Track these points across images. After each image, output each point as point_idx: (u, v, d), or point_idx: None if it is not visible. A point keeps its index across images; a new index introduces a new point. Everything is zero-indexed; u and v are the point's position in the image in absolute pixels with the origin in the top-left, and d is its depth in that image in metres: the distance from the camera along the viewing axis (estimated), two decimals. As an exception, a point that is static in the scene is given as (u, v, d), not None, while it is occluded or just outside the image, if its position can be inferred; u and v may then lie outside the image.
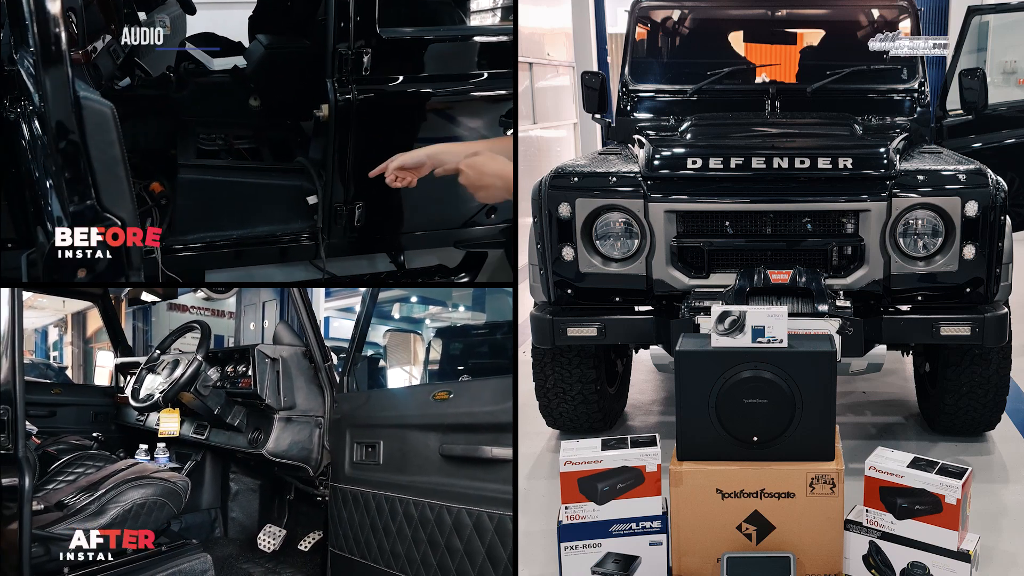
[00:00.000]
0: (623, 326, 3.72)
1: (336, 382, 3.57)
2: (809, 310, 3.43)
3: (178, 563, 3.04)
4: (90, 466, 3.47)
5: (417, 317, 5.15)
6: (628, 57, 4.91)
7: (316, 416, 3.52)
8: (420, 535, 2.79)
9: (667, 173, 3.67)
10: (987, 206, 3.51)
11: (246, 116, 3.60)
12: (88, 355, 7.97)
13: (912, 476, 2.78)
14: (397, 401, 3.33)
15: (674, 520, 2.86)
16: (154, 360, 3.93)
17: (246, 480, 4.45)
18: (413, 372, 4.45)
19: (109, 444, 4.62)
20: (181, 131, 3.58)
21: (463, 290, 4.55)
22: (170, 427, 3.92)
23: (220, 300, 6.51)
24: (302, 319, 3.62)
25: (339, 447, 3.34)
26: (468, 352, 4.54)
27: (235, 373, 3.67)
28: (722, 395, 2.84)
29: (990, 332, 3.54)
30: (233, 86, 3.64)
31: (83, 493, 3.04)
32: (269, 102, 3.57)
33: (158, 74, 3.76)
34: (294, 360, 3.56)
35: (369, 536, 3.06)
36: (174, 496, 3.22)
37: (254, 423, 3.61)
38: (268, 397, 3.47)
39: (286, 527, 4.24)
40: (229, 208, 3.34)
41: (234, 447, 3.76)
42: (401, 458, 2.96)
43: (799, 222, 3.61)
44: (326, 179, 3.24)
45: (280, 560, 4.08)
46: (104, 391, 5.30)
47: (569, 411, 4.17)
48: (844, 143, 3.84)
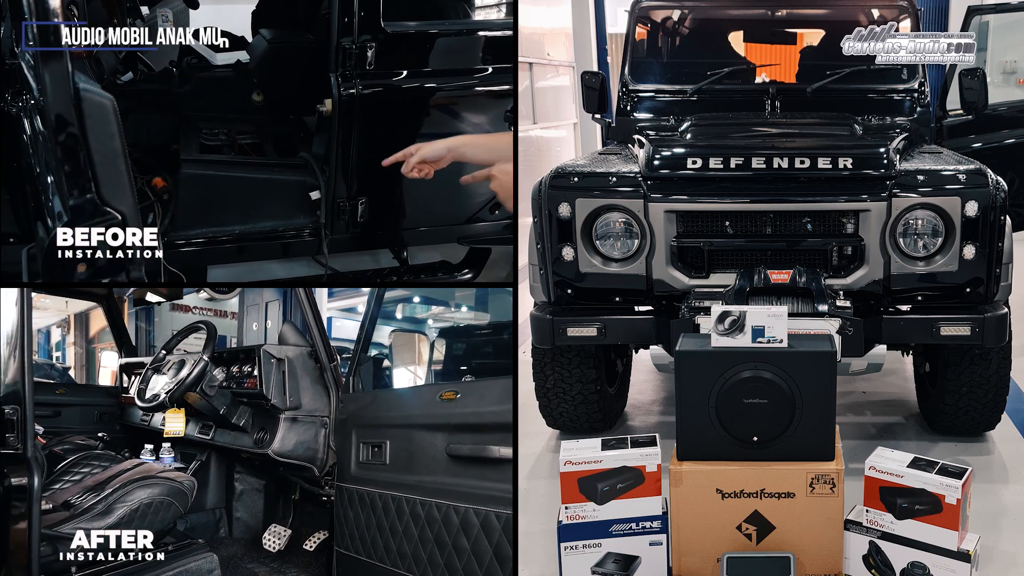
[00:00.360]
0: (623, 326, 3.72)
1: (341, 382, 3.58)
2: (809, 310, 3.43)
3: (184, 563, 3.05)
4: (96, 466, 3.48)
5: (420, 317, 5.15)
6: (628, 57, 4.91)
7: (322, 416, 3.53)
8: (427, 534, 2.80)
9: (667, 173, 3.67)
10: (987, 206, 3.51)
11: (249, 111, 3.57)
12: (91, 355, 7.97)
13: (912, 476, 2.78)
14: (404, 401, 3.34)
15: (674, 520, 2.86)
16: (160, 360, 3.93)
17: (251, 480, 4.46)
18: (417, 372, 4.45)
19: (114, 444, 4.63)
20: (184, 126, 3.54)
21: (466, 290, 4.55)
22: (176, 427, 3.93)
23: (223, 300, 6.51)
24: (307, 319, 3.63)
25: (345, 447, 3.35)
26: (471, 352, 4.54)
27: (240, 373, 3.68)
28: (722, 395, 2.84)
29: (990, 332, 3.54)
30: (236, 81, 3.60)
31: (89, 493, 3.05)
32: (272, 97, 3.54)
33: (160, 69, 3.71)
34: (300, 360, 3.57)
35: (376, 535, 3.06)
36: (180, 496, 3.23)
37: (260, 423, 3.62)
38: (274, 397, 3.48)
39: (291, 527, 4.25)
40: (232, 203, 3.30)
41: (239, 447, 3.77)
42: (408, 458, 2.97)
43: (799, 222, 3.61)
44: (329, 174, 3.21)
45: (285, 560, 4.08)
46: (108, 391, 5.30)
47: (569, 411, 4.17)
48: (844, 143, 3.84)
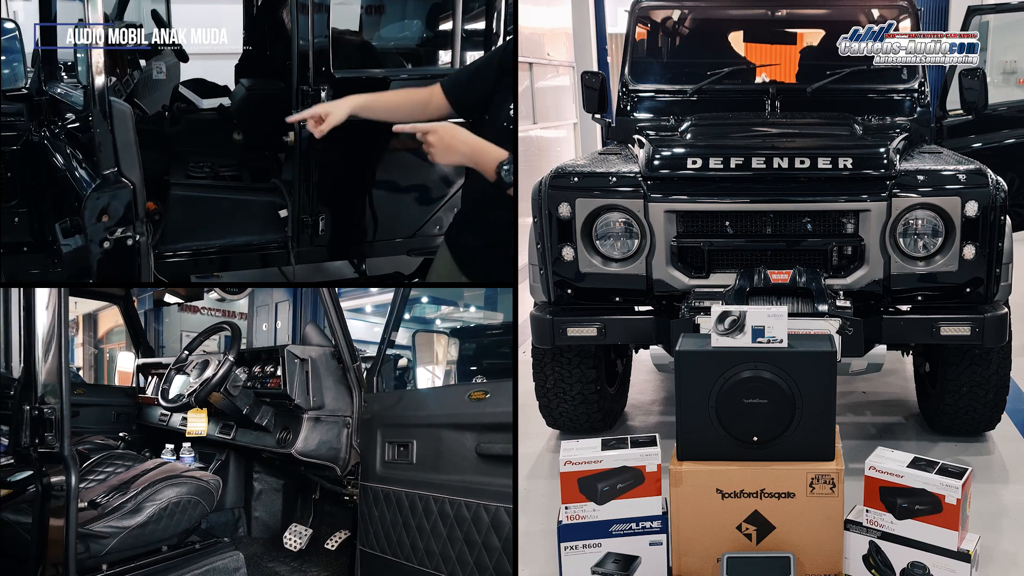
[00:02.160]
0: (623, 326, 3.72)
1: (364, 382, 3.60)
2: (809, 310, 3.43)
3: (211, 561, 3.08)
4: (120, 465, 3.49)
5: (428, 317, 5.16)
6: (628, 57, 4.91)
7: (344, 416, 3.55)
8: (456, 533, 2.81)
9: (667, 173, 3.67)
10: (987, 206, 3.51)
11: (230, 148, 4.09)
12: (99, 356, 7.97)
13: (912, 476, 2.78)
14: (431, 401, 3.34)
15: (674, 520, 2.86)
16: (183, 361, 3.96)
17: (269, 480, 4.47)
18: (436, 372, 4.46)
19: (132, 444, 4.66)
20: (174, 160, 4.03)
21: (475, 290, 4.58)
22: (198, 427, 3.95)
23: (232, 301, 6.52)
24: (331, 320, 3.66)
25: (369, 446, 3.36)
26: (481, 352, 4.55)
27: (263, 373, 3.70)
28: (722, 395, 2.84)
29: (990, 332, 3.54)
30: (219, 122, 4.16)
31: (115, 492, 3.07)
32: (250, 136, 4.05)
33: (154, 112, 4.31)
34: (323, 360, 3.59)
35: (402, 534, 3.07)
36: (207, 494, 3.25)
37: (282, 423, 3.63)
38: (297, 397, 3.49)
39: (311, 526, 4.26)
40: (213, 221, 3.80)
41: (262, 447, 3.78)
42: (436, 457, 2.98)
43: (799, 222, 3.61)
44: (294, 195, 3.72)
45: (306, 559, 4.09)
46: (125, 391, 5.32)
47: (569, 411, 4.17)
48: (844, 143, 3.84)
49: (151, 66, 4.66)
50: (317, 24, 3.55)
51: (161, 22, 4.80)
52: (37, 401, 2.44)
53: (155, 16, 4.80)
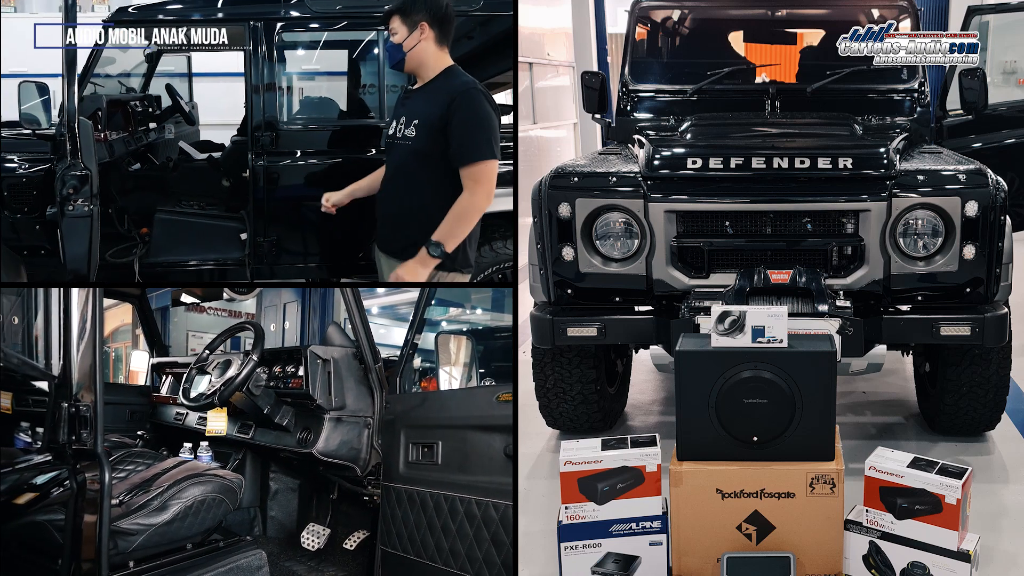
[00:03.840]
0: (623, 326, 3.72)
1: (385, 383, 3.60)
2: (809, 310, 3.43)
3: (235, 559, 3.09)
4: (140, 463, 3.49)
5: (435, 319, 5.14)
6: (628, 57, 4.91)
7: (366, 416, 3.55)
8: (483, 534, 2.81)
9: (667, 173, 3.67)
10: (987, 206, 3.51)
11: (218, 192, 5.07)
12: (105, 355, 7.96)
13: (912, 476, 2.78)
14: (457, 402, 3.33)
15: (674, 520, 2.86)
16: (203, 360, 3.97)
17: (285, 479, 4.47)
18: (453, 374, 4.46)
19: (148, 443, 4.67)
20: (171, 198, 5.12)
21: (482, 293, 4.58)
22: (218, 426, 3.94)
23: (240, 301, 6.52)
24: (354, 320, 3.67)
25: (392, 447, 3.36)
26: (489, 355, 4.53)
27: (284, 373, 3.71)
28: (722, 395, 2.84)
29: (990, 332, 3.54)
30: (211, 171, 5.24)
31: (137, 490, 3.07)
32: (235, 182, 4.96)
33: (160, 162, 5.44)
34: (344, 361, 3.59)
35: (426, 535, 3.07)
36: (230, 493, 3.25)
37: (303, 423, 3.63)
38: (319, 397, 3.49)
39: (329, 526, 4.26)
40: (188, 241, 4.78)
41: (282, 447, 3.78)
42: (462, 458, 2.98)
43: (799, 222, 3.61)
44: (250, 220, 4.59)
45: (323, 559, 4.09)
46: (139, 390, 5.33)
47: (569, 411, 4.17)
48: (844, 143, 3.84)
49: (162, 127, 5.76)
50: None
51: (174, 95, 5.95)
52: (73, 399, 2.48)
53: (169, 89, 5.92)
